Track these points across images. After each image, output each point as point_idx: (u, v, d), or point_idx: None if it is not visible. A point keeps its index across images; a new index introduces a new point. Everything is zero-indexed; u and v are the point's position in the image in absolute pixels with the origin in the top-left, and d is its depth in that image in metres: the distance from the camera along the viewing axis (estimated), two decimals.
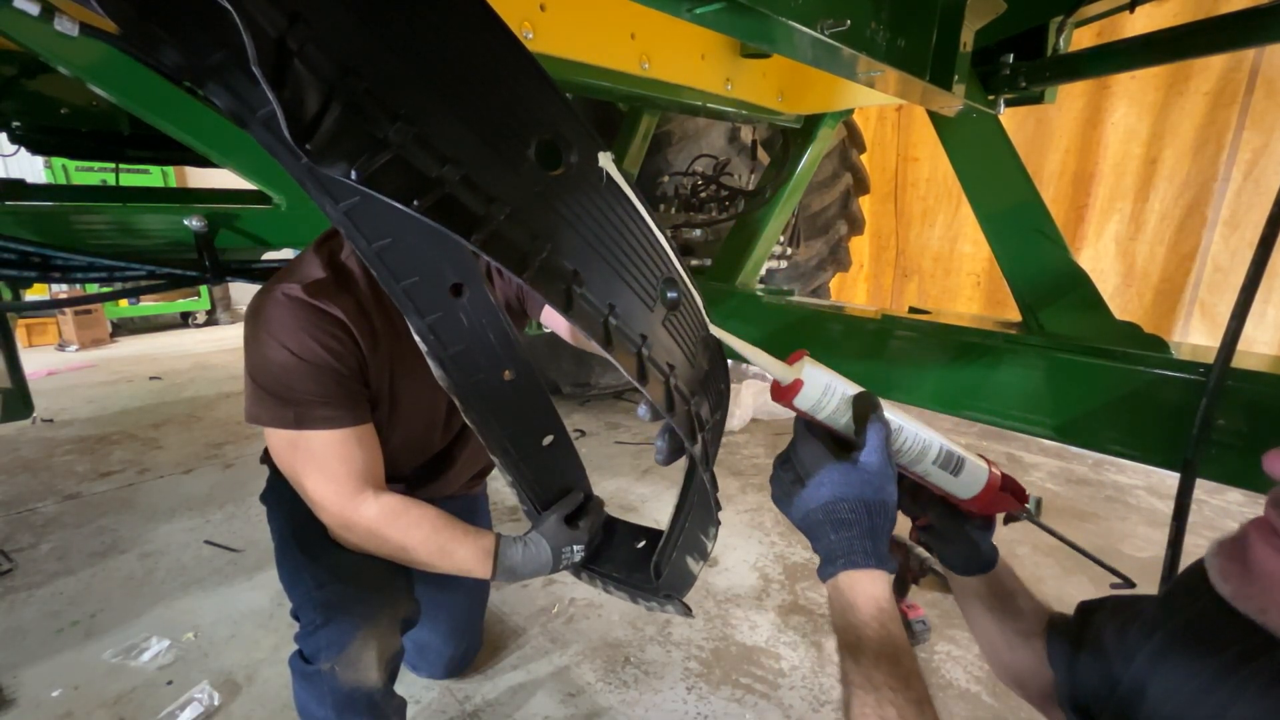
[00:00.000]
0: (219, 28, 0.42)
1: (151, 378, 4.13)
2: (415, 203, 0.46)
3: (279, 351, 0.89)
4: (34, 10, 0.83)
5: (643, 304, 0.63)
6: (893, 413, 0.62)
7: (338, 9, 0.43)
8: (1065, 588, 1.91)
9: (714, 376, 0.76)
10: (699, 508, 0.91)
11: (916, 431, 0.63)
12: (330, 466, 0.92)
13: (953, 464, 0.64)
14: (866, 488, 0.57)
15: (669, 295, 0.66)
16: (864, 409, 0.60)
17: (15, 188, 1.77)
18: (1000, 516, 0.71)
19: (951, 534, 0.71)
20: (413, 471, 1.20)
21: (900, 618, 0.55)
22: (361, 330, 0.94)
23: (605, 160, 0.56)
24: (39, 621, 1.69)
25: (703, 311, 0.71)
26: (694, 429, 0.68)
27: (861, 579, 0.55)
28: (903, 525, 2.14)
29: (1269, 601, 0.42)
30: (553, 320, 1.23)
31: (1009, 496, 0.68)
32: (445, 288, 0.82)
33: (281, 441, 0.93)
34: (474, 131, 0.50)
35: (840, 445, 0.61)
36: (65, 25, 0.91)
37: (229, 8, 0.37)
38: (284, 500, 1.10)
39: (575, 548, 1.01)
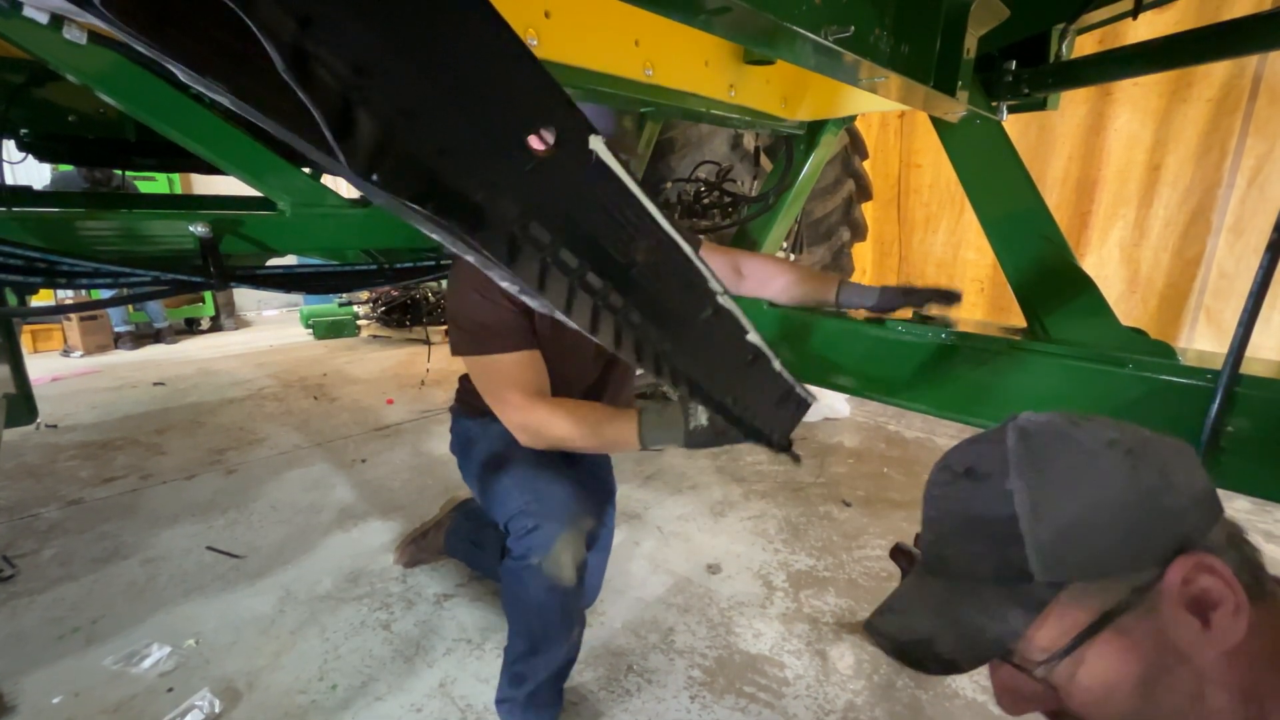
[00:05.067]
0: (228, 37, 0.42)
1: (155, 383, 4.14)
2: (429, 205, 0.47)
3: (469, 298, 1.21)
4: (44, 18, 0.84)
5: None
6: None
7: (345, 9, 0.42)
8: None
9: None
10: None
11: None
12: (512, 378, 1.21)
13: None
14: None
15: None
16: None
17: (22, 194, 1.78)
18: None
19: None
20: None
21: None
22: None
23: (596, 143, 0.57)
24: (40, 628, 1.68)
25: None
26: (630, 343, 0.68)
27: None
28: (907, 534, 2.12)
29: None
30: (710, 259, 1.44)
31: None
32: None
33: (477, 365, 1.25)
34: (476, 127, 0.50)
35: None
36: (74, 34, 0.92)
37: (242, 15, 0.37)
38: (476, 440, 1.43)
39: (699, 407, 1.08)
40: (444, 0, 0.46)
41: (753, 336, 0.83)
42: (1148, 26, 2.60)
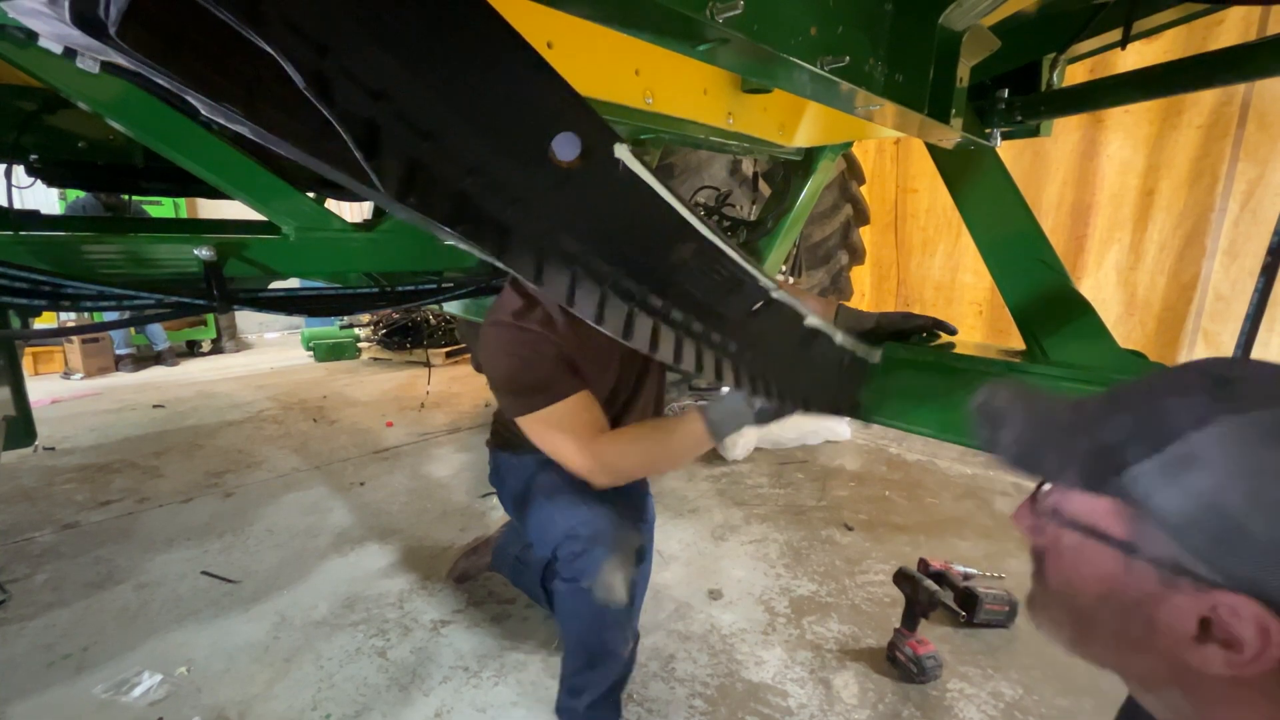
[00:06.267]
0: (243, 64, 0.42)
1: (155, 406, 4.13)
2: (459, 226, 0.48)
3: (508, 360, 1.21)
4: (57, 48, 0.86)
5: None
6: None
7: (360, 35, 0.43)
8: None
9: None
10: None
11: None
12: (568, 426, 1.18)
13: None
14: None
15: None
16: None
17: (29, 218, 1.80)
18: None
19: None
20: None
21: None
22: (553, 332, 1.25)
23: (622, 151, 0.60)
24: (30, 655, 1.65)
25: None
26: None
27: None
28: (910, 558, 2.09)
29: (1072, 629, 0.49)
30: None
31: None
32: None
33: (530, 424, 1.20)
34: (495, 142, 0.52)
35: None
36: (87, 63, 0.95)
37: (266, 46, 0.38)
38: (512, 472, 1.46)
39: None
40: (461, 21, 0.48)
41: (812, 320, 0.84)
42: (1136, 56, 2.66)
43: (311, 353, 5.79)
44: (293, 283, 1.72)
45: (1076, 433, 0.47)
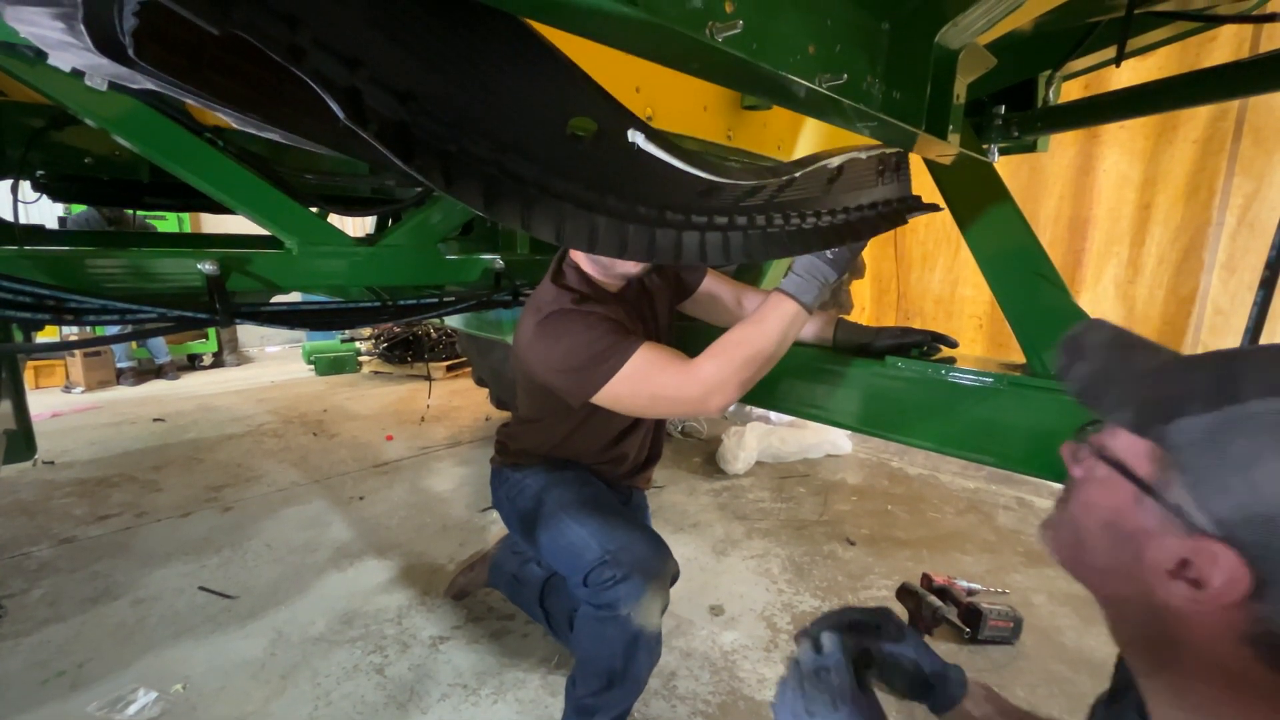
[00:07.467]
0: (264, 73, 0.43)
1: (155, 419, 4.13)
2: (492, 206, 0.52)
3: (582, 335, 1.16)
4: (66, 66, 0.87)
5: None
6: None
7: (386, 41, 0.44)
8: (1085, 639, 1.84)
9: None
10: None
11: None
12: (660, 364, 1.13)
13: None
14: None
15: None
16: None
17: (34, 232, 1.82)
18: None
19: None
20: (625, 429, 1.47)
21: None
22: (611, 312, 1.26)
23: (635, 135, 0.64)
24: (24, 672, 1.64)
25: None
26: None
27: None
28: (913, 573, 2.07)
29: (1071, 548, 0.53)
30: (717, 288, 1.54)
31: None
32: None
33: (622, 385, 1.13)
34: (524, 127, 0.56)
35: None
36: (95, 80, 0.96)
37: (301, 74, 0.38)
38: (524, 492, 1.41)
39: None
40: (477, 16, 0.49)
41: (834, 160, 0.89)
42: (1131, 72, 2.69)
43: (312, 366, 5.79)
44: (295, 296, 1.73)
45: (1149, 380, 0.49)
